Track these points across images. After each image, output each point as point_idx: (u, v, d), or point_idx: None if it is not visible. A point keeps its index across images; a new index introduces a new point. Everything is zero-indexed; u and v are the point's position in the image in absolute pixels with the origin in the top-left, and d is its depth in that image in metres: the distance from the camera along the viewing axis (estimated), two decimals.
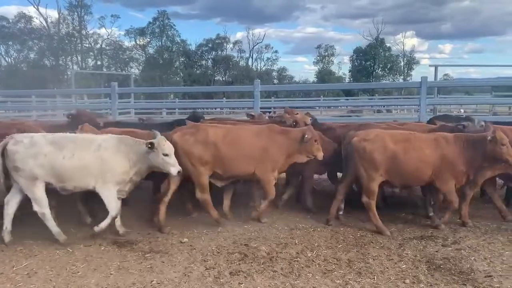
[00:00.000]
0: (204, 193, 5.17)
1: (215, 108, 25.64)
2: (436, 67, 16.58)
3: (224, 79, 57.83)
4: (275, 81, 59.10)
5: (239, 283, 3.80)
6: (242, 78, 52.84)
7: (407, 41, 70.07)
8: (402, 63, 58.91)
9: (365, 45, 57.96)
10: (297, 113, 6.58)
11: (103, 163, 4.64)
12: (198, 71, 57.29)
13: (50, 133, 4.93)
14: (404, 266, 4.13)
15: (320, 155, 5.29)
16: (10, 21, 49.95)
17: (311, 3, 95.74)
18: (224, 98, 28.97)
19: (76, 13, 51.77)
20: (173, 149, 4.76)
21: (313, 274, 3.97)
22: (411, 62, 59.11)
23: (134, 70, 52.41)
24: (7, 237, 4.63)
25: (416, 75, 58.55)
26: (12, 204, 4.69)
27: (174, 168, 4.68)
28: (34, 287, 3.72)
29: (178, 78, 53.91)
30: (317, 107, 24.01)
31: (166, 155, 4.66)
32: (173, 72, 54.70)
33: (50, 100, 20.89)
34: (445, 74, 49.65)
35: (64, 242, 4.63)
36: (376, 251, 4.50)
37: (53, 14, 53.87)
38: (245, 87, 21.03)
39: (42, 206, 4.58)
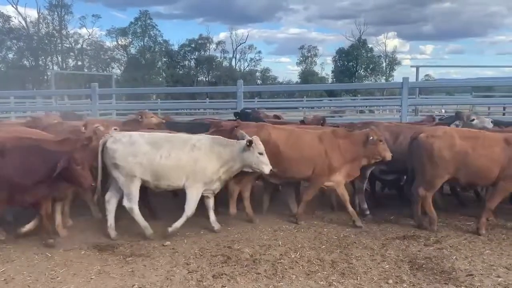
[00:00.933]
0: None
1: (198, 109, 25.48)
2: (417, 67, 16.88)
3: (207, 79, 57.56)
4: (259, 81, 59.16)
5: (222, 286, 3.76)
6: (226, 78, 52.66)
7: (389, 42, 71.20)
8: (384, 64, 59.80)
9: (348, 46, 58.70)
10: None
11: (196, 163, 4.80)
12: (181, 72, 56.92)
13: (147, 132, 5.18)
14: (387, 266, 4.16)
15: (388, 155, 5.24)
16: None
17: (294, 4, 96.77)
18: (208, 98, 28.79)
19: (56, 13, 50.90)
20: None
21: (297, 275, 3.96)
22: (393, 62, 60.07)
23: (116, 71, 51.80)
24: (112, 233, 4.87)
25: (398, 75, 59.65)
26: (113, 201, 4.93)
27: (267, 167, 4.84)
28: None
29: (160, 79, 53.41)
30: (301, 108, 24.14)
31: (260, 153, 4.83)
32: (155, 72, 54.20)
33: (29, 101, 20.43)
34: (427, 75, 50.60)
35: (150, 236, 4.83)
36: (359, 251, 4.52)
37: (32, 13, 53.16)
38: (229, 87, 20.97)
39: (132, 201, 4.81)
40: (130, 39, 55.07)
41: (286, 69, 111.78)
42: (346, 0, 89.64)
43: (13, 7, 49.35)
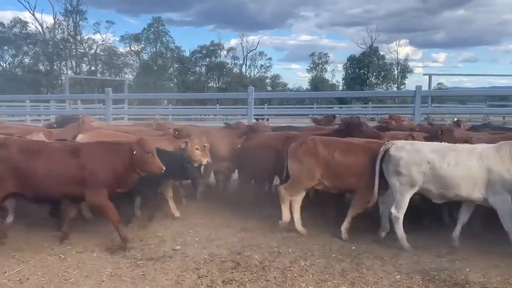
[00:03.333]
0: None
1: (208, 115, 25.62)
2: (430, 76, 16.83)
3: (217, 85, 57.93)
4: (269, 88, 59.33)
5: None
6: (236, 85, 52.96)
7: (401, 49, 70.75)
8: (395, 72, 59.46)
9: (359, 53, 58.56)
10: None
11: (489, 173, 4.49)
12: (191, 78, 57.39)
13: (428, 142, 5.11)
14: (398, 276, 4.11)
15: None
16: (6, 26, 49.83)
17: (305, 11, 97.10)
18: (218, 104, 29.01)
19: (71, 19, 51.79)
20: None
21: (306, 284, 3.95)
22: (404, 70, 59.66)
23: (128, 76, 52.40)
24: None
25: (409, 83, 59.28)
26: (386, 207, 4.97)
27: None
28: None
29: (172, 85, 53.91)
30: (310, 115, 24.12)
31: None
32: (167, 78, 54.72)
33: (43, 105, 20.80)
34: (439, 83, 50.26)
35: (408, 249, 4.75)
36: (370, 261, 4.48)
37: (48, 19, 54.18)
38: (239, 94, 21.06)
39: (400, 211, 4.76)
40: (143, 45, 55.75)
41: (296, 76, 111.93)
42: (357, 7, 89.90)
43: (30, 13, 50.42)
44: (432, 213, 5.56)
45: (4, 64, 51.46)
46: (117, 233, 4.74)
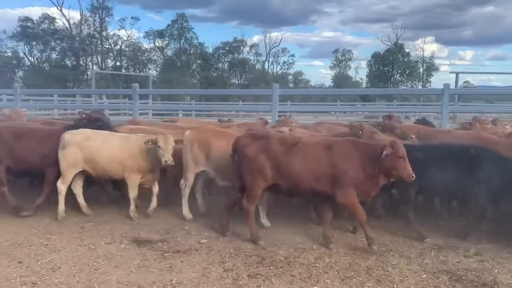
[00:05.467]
0: None
1: (230, 111, 25.70)
2: (457, 74, 16.45)
3: (239, 82, 58.03)
4: (291, 84, 59.03)
5: (257, 286, 3.81)
6: (258, 81, 52.94)
7: (426, 46, 69.15)
8: (421, 69, 58.17)
9: (384, 50, 57.57)
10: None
11: None
12: (214, 74, 57.65)
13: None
14: (425, 276, 4.07)
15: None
16: (35, 22, 51.19)
17: (329, 7, 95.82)
18: (240, 101, 29.09)
19: (97, 15, 52.73)
20: None
21: (332, 280, 3.95)
22: (430, 68, 58.32)
23: (152, 72, 53.06)
24: None
25: (435, 81, 57.96)
26: None
27: None
28: (59, 281, 3.80)
29: (195, 81, 54.32)
30: (333, 112, 23.94)
31: None
32: (190, 74, 55.16)
33: (70, 100, 21.32)
34: (465, 81, 48.99)
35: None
36: (395, 259, 4.45)
37: (75, 15, 55.17)
38: (264, 90, 21.05)
39: None
40: (167, 41, 56.33)
41: (319, 73, 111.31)
42: (382, 4, 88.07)
43: (58, 9, 51.61)
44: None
45: (32, 59, 52.99)
46: (363, 233, 4.68)
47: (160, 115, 18.63)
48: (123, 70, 51.19)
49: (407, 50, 58.01)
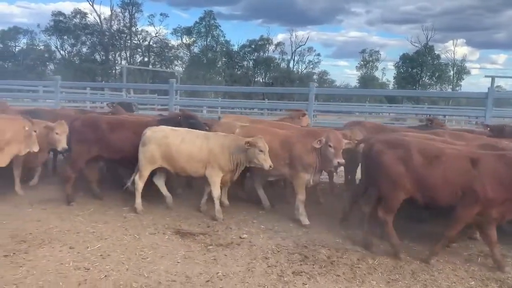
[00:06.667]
0: None
1: (253, 108, 25.75)
2: (493, 77, 15.95)
3: (264, 80, 58.00)
4: (316, 84, 58.50)
5: (303, 283, 3.82)
6: (282, 80, 52.79)
7: (457, 49, 67.15)
8: (451, 72, 56.70)
9: (412, 51, 56.42)
10: None
11: None
12: (239, 72, 57.83)
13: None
14: (473, 283, 3.99)
15: None
16: (67, 16, 52.58)
17: (356, 7, 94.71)
18: (266, 99, 29.15)
19: (127, 11, 53.74)
20: None
21: (377, 282, 3.92)
22: (461, 71, 56.81)
23: (178, 68, 53.66)
24: None
25: (465, 85, 56.43)
26: None
27: None
28: (109, 268, 3.90)
29: (220, 78, 54.66)
30: (357, 113, 23.65)
31: None
32: (215, 71, 55.55)
33: (99, 93, 21.83)
34: (497, 86, 47.42)
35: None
36: (440, 264, 4.37)
37: (106, 11, 56.32)
38: (300, 89, 20.86)
39: None
40: (194, 38, 56.85)
41: (343, 73, 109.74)
42: (411, 4, 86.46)
43: (90, 4, 52.88)
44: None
45: (64, 53, 54.43)
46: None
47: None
48: (150, 66, 51.96)
49: (437, 52, 56.74)
